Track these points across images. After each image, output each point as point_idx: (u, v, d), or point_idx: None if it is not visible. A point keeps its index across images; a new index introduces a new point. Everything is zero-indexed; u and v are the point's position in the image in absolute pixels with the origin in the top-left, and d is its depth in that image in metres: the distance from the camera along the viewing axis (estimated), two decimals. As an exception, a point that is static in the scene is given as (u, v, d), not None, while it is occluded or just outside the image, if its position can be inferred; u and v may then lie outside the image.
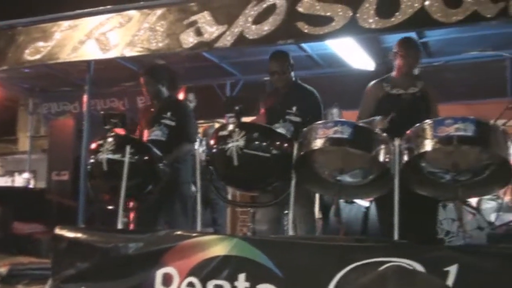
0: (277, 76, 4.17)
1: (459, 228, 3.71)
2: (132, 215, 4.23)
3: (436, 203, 3.57)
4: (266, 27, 4.00)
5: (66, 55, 4.89)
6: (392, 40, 6.40)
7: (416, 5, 3.59)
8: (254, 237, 3.44)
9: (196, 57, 6.64)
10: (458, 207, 3.18)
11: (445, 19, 3.53)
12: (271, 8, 4.02)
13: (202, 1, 4.43)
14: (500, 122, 4.64)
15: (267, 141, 3.47)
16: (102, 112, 4.83)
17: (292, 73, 4.24)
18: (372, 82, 3.97)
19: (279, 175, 3.52)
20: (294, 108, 4.05)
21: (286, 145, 3.46)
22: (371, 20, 3.69)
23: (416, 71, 3.90)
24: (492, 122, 3.43)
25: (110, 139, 3.98)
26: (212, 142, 3.65)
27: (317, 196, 4.43)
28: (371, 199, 4.83)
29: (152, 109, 4.60)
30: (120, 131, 4.38)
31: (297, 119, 4.01)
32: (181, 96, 5.80)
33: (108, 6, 4.89)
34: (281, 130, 3.99)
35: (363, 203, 5.02)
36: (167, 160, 4.16)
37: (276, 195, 3.64)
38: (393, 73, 3.92)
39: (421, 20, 3.60)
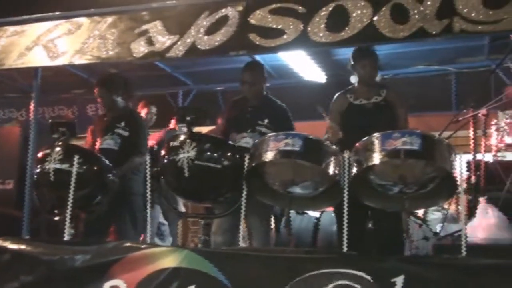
0: (247, 86, 4.17)
1: (405, 239, 3.78)
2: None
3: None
4: (218, 38, 4.00)
5: (12, 62, 4.74)
6: (343, 53, 6.57)
7: (365, 20, 3.66)
8: (205, 249, 3.43)
9: (149, 66, 6.59)
10: (404, 218, 3.25)
11: (392, 35, 3.61)
12: (223, 19, 4.02)
13: (153, 10, 4.39)
14: (445, 134, 4.79)
15: (218, 152, 3.48)
16: (50, 120, 4.72)
17: (264, 86, 4.25)
18: (337, 94, 4.03)
19: (230, 186, 3.53)
20: (266, 121, 4.06)
21: (237, 156, 3.47)
22: (321, 34, 3.74)
23: (378, 78, 3.97)
24: (437, 136, 3.53)
25: (57, 149, 3.89)
26: (163, 152, 3.62)
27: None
28: (322, 210, 4.89)
29: (106, 118, 4.56)
30: None
31: (267, 131, 3.99)
32: (144, 111, 5.77)
33: (57, 13, 4.77)
34: (248, 139, 4.00)
35: (314, 214, 5.06)
36: (118, 173, 4.11)
37: (229, 206, 3.64)
38: (356, 84, 3.98)
39: (370, 35, 3.67)
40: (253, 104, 4.19)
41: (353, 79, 4.02)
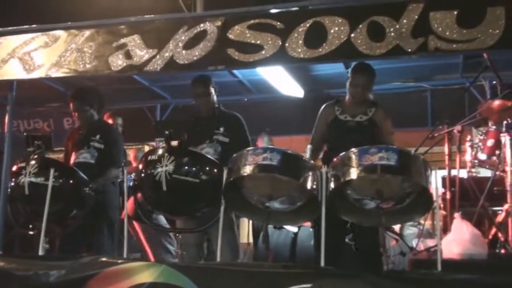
0: (200, 99, 4.22)
1: (383, 253, 3.80)
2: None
3: None
4: (197, 52, 4.00)
5: (-13, 74, 4.68)
6: (321, 68, 6.66)
7: (343, 37, 3.71)
8: (182, 264, 3.40)
9: (127, 79, 6.56)
10: (381, 233, 3.27)
11: (369, 52, 3.66)
12: (202, 34, 4.03)
13: (132, 24, 4.38)
14: (421, 150, 4.85)
15: (197, 167, 3.47)
16: (25, 133, 4.66)
17: (215, 98, 4.28)
18: (325, 104, 4.05)
19: (208, 200, 3.51)
20: (221, 129, 4.10)
21: (215, 170, 3.47)
22: (299, 50, 3.77)
23: (370, 97, 3.97)
24: (413, 151, 3.58)
25: (32, 162, 3.85)
26: (140, 166, 3.60)
27: (248, 222, 4.43)
28: (300, 225, 4.89)
29: (80, 132, 4.53)
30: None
31: (225, 139, 4.08)
32: (109, 121, 5.73)
33: (34, 25, 4.73)
34: (208, 150, 4.01)
35: (292, 228, 5.06)
36: (94, 185, 4.08)
37: (202, 220, 3.63)
38: (347, 97, 3.98)
39: (347, 51, 3.72)
40: (207, 116, 4.25)
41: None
